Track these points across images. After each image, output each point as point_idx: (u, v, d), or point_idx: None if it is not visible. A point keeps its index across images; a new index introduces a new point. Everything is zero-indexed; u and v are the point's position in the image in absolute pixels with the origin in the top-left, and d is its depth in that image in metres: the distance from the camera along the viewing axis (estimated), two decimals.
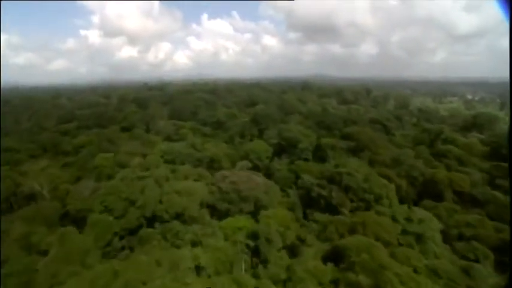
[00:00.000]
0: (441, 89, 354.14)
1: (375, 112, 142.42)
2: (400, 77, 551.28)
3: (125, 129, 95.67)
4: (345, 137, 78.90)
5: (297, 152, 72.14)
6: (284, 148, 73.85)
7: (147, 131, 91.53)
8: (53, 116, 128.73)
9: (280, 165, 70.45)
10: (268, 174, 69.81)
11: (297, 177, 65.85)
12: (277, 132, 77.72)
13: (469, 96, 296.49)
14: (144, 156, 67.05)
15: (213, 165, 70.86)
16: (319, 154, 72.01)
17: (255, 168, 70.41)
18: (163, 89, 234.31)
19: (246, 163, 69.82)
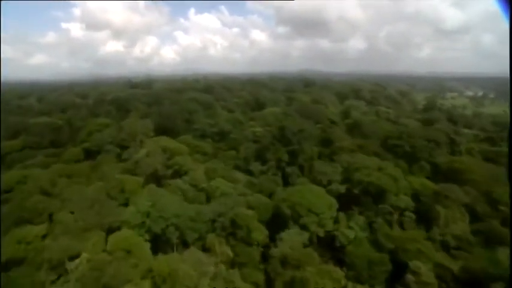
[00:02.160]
0: (436, 85, 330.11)
1: (405, 115, 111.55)
2: (390, 72, 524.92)
3: (88, 154, 59.96)
4: (440, 171, 46.66)
5: (380, 207, 39.41)
6: (355, 199, 40.91)
7: (121, 159, 55.80)
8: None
9: (355, 232, 37.71)
10: (332, 249, 37.03)
11: (395, 261, 33.57)
12: (341, 170, 44.17)
13: (469, 93, 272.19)
14: (108, 232, 32.57)
15: (236, 233, 37.36)
16: (417, 208, 39.49)
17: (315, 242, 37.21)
18: (150, 86, 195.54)
19: (297, 233, 36.54)
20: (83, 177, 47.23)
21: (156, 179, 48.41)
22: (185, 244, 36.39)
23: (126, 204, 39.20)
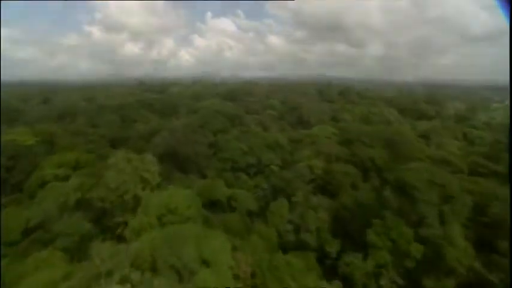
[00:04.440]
0: (472, 94, 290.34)
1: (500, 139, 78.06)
2: (415, 79, 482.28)
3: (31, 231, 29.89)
4: None
5: None
6: None
7: (85, 254, 25.20)
8: None
9: None
10: None
11: None
12: None
13: None
14: None
15: None
16: None
17: None
18: (165, 90, 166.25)
19: None
20: None
21: None
22: None
23: None
